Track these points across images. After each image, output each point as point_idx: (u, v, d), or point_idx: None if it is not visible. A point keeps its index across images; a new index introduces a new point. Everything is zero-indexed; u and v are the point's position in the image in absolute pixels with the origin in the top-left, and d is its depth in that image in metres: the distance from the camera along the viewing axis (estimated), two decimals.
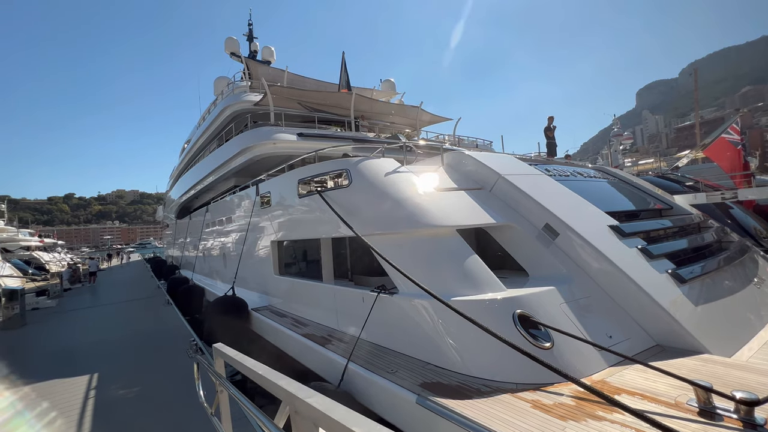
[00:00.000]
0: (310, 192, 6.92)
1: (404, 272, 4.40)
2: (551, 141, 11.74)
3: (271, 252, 8.73)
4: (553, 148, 11.81)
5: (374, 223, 5.53)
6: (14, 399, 5.82)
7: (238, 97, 15.09)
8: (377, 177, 6.00)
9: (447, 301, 4.04)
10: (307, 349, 5.82)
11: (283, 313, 7.92)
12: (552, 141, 11.74)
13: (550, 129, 11.70)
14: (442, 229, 5.18)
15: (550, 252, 5.32)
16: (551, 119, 11.78)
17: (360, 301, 5.63)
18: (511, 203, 5.99)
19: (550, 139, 11.74)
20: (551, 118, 11.81)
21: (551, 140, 11.73)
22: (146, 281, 20.69)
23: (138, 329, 9.54)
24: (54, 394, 5.96)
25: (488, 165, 6.54)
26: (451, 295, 4.43)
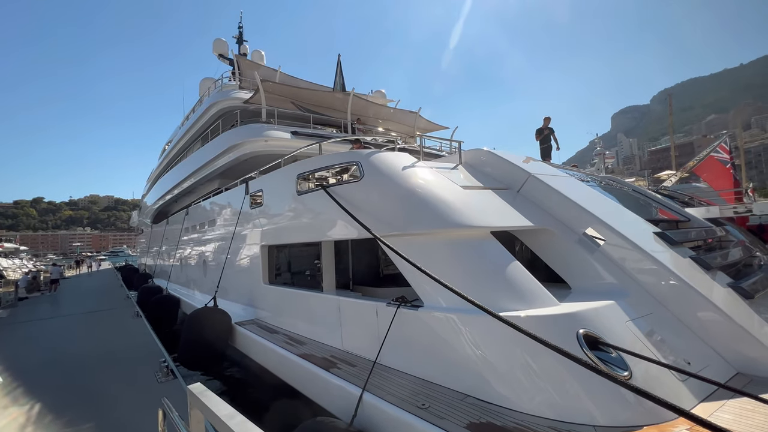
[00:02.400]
0: (311, 188, 6.03)
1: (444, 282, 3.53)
2: (546, 146, 9.78)
3: (261, 258, 7.70)
4: (548, 154, 9.83)
5: (392, 222, 4.69)
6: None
7: (227, 94, 14.13)
8: (394, 170, 5.19)
9: (507, 318, 3.19)
10: (306, 374, 4.82)
11: (273, 329, 6.86)
12: (548, 146, 9.78)
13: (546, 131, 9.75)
14: (475, 230, 4.39)
15: (595, 260, 4.60)
16: (547, 120, 9.82)
17: (372, 315, 4.71)
18: (544, 205, 5.28)
19: (544, 144, 9.80)
20: (547, 119, 9.85)
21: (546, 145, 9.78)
22: (115, 290, 18.89)
23: (100, 346, 8.19)
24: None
25: (515, 163, 5.85)
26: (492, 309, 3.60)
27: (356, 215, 4.85)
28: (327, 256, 6.11)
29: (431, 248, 4.38)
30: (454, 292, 3.32)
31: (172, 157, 20.29)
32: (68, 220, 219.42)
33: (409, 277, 4.40)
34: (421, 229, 4.46)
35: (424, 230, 4.44)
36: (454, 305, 3.90)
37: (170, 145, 21.97)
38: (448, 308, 3.90)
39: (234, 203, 9.06)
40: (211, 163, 12.65)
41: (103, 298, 16.26)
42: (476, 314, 3.58)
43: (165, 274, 17.01)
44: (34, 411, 5.08)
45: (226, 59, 21.13)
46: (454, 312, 3.80)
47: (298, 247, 7.27)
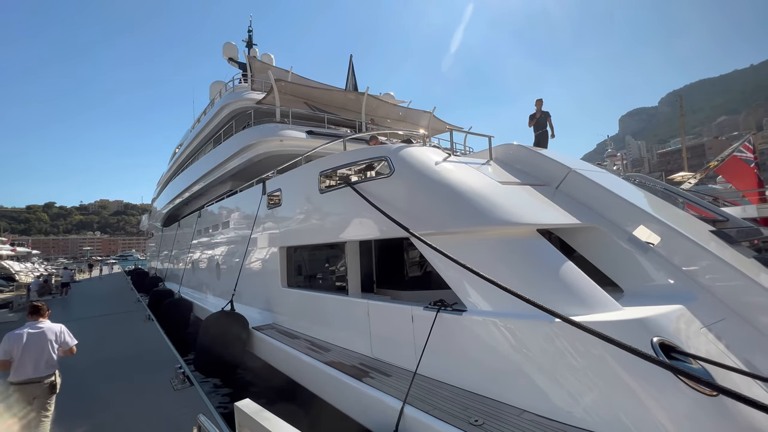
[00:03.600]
0: (334, 185, 5.72)
1: (503, 285, 3.17)
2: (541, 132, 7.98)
3: (279, 260, 7.39)
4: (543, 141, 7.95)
5: (428, 219, 4.35)
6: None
7: (239, 95, 13.95)
8: (427, 165, 4.87)
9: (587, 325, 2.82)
10: (335, 384, 4.47)
11: (293, 334, 6.53)
12: (542, 132, 7.98)
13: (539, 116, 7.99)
14: (521, 228, 4.04)
15: (649, 260, 4.21)
16: (540, 103, 8.03)
17: (406, 320, 4.36)
18: (587, 202, 4.91)
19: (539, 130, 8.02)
20: (540, 102, 8.06)
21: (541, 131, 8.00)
22: (125, 294, 18.77)
23: (111, 350, 7.95)
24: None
25: (553, 158, 5.50)
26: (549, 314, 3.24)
27: (387, 213, 4.52)
28: (352, 257, 5.78)
29: (472, 248, 4.03)
30: (518, 297, 2.96)
31: (183, 159, 20.19)
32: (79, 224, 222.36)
33: (449, 278, 4.05)
34: (462, 227, 4.11)
35: (465, 228, 4.10)
36: (504, 310, 3.54)
37: (181, 148, 21.92)
38: (497, 313, 3.54)
39: (250, 204, 8.79)
40: (223, 164, 12.43)
41: (113, 301, 16.12)
42: (534, 320, 3.23)
43: (176, 278, 16.82)
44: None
45: (236, 63, 21.06)
46: (505, 317, 3.44)
47: (318, 248, 6.96)
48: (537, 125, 7.92)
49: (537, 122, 7.90)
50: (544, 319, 3.18)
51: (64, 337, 4.05)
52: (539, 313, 3.23)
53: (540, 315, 3.23)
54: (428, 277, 6.11)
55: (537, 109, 7.93)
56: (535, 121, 7.92)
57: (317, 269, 7.37)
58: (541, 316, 3.20)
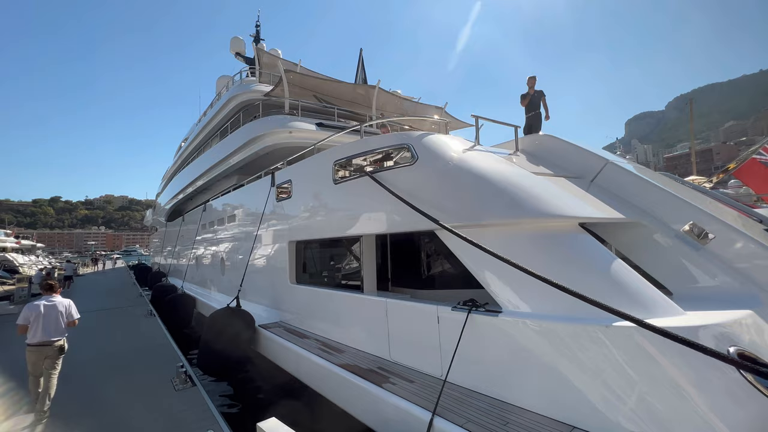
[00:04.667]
0: (350, 175, 5.35)
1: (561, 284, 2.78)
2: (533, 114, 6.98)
3: (288, 255, 7.03)
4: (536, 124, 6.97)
5: (457, 211, 3.96)
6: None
7: (248, 87, 13.63)
8: (453, 153, 4.48)
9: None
10: (350, 389, 4.09)
11: (302, 333, 6.17)
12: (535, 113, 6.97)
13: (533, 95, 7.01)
14: (563, 221, 3.64)
15: (701, 260, 3.80)
16: (533, 81, 7.06)
17: (431, 321, 3.97)
18: (627, 196, 4.51)
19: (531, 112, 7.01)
20: (533, 80, 7.09)
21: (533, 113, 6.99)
22: (128, 288, 18.52)
23: (111, 346, 7.61)
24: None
25: (588, 149, 5.10)
26: (601, 317, 2.85)
27: (411, 203, 4.14)
28: (368, 252, 5.40)
29: (506, 242, 3.64)
30: (585, 300, 2.56)
31: (189, 153, 19.92)
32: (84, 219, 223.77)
33: (481, 276, 3.66)
34: (496, 219, 3.72)
35: (500, 220, 3.71)
36: (544, 311, 3.15)
37: (186, 142, 21.66)
38: (541, 316, 3.15)
39: (257, 196, 8.44)
40: (230, 157, 12.11)
41: (115, 296, 15.86)
42: (587, 324, 2.83)
43: (179, 273, 16.54)
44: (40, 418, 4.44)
45: (243, 58, 20.74)
46: (551, 321, 3.04)
47: (330, 242, 6.58)
48: (529, 106, 6.97)
49: (530, 103, 6.95)
50: (598, 323, 2.79)
51: (71, 310, 4.86)
52: (592, 316, 2.84)
53: (592, 318, 2.84)
54: (448, 275, 5.72)
55: (530, 87, 6.98)
56: (528, 101, 6.96)
57: (328, 265, 6.99)
58: (594, 320, 2.81)
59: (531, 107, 7.00)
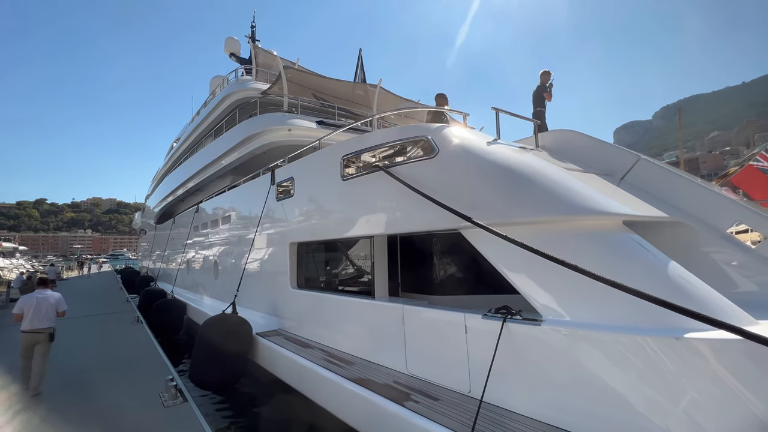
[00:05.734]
0: (360, 171, 4.93)
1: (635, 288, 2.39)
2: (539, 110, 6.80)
3: (289, 258, 6.56)
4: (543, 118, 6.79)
5: (486, 208, 3.57)
6: None
7: (244, 84, 13.19)
8: (478, 146, 4.11)
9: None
10: (365, 407, 3.63)
11: (304, 342, 5.69)
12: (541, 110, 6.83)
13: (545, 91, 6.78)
14: (605, 219, 3.27)
15: (752, 262, 3.47)
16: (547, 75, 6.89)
17: (458, 331, 3.55)
18: (663, 194, 4.18)
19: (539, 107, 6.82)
20: (547, 74, 6.91)
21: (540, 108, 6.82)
22: (114, 293, 17.72)
23: (93, 356, 7.01)
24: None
25: (616, 145, 4.78)
26: (669, 327, 2.47)
27: (436, 199, 3.74)
28: (380, 254, 4.98)
29: (543, 242, 3.23)
30: (672, 308, 2.16)
31: (181, 154, 19.29)
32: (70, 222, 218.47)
33: (517, 279, 3.26)
34: (533, 217, 3.34)
35: (536, 217, 3.33)
36: (597, 320, 2.76)
37: (178, 142, 21.03)
38: (592, 325, 2.75)
39: (255, 195, 7.95)
40: (225, 155, 11.60)
41: (101, 301, 15.10)
42: (653, 336, 2.45)
43: (169, 277, 15.86)
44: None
45: (238, 58, 20.28)
46: (609, 331, 2.64)
47: (335, 244, 6.14)
48: (537, 101, 6.91)
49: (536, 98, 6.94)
50: (665, 334, 2.41)
51: (60, 302, 5.51)
52: (655, 326, 2.46)
53: (657, 329, 2.46)
54: (465, 279, 5.31)
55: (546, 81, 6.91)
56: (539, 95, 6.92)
57: (334, 269, 6.53)
58: (661, 331, 2.43)
59: (538, 102, 6.87)
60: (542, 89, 6.87)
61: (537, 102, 6.93)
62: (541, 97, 6.85)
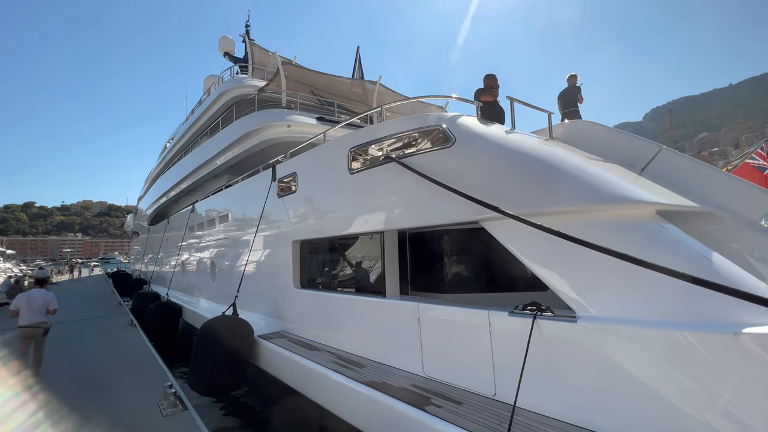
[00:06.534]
0: (370, 163, 4.70)
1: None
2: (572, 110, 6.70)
3: (292, 256, 6.29)
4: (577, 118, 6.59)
5: (511, 198, 3.36)
6: None
7: (240, 81, 12.91)
8: (497, 134, 3.91)
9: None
10: (382, 413, 3.39)
11: (309, 344, 5.43)
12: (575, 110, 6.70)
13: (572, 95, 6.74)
14: (639, 208, 3.08)
15: None
16: (574, 78, 6.82)
17: (481, 330, 3.32)
18: (690, 186, 4.01)
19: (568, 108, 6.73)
20: (574, 77, 6.83)
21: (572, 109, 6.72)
22: (105, 297, 17.20)
23: (85, 362, 6.67)
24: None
25: (635, 135, 4.61)
26: (723, 322, 2.28)
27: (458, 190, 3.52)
28: (391, 251, 4.75)
29: (573, 233, 3.04)
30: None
31: (175, 153, 18.87)
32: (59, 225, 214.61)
33: (546, 274, 3.05)
34: (563, 206, 3.14)
35: (568, 207, 3.12)
36: (638, 316, 2.56)
37: (172, 141, 20.60)
38: (635, 321, 2.54)
39: (255, 193, 7.67)
40: (222, 153, 11.29)
41: (91, 304, 14.61)
42: (709, 332, 2.24)
43: (163, 280, 15.44)
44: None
45: (233, 58, 19.95)
46: (658, 327, 2.43)
47: (340, 241, 5.89)
48: (566, 102, 6.82)
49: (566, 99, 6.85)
50: (722, 330, 2.21)
51: (51, 301, 5.92)
52: (708, 322, 2.26)
53: (712, 325, 2.26)
54: (480, 276, 5.10)
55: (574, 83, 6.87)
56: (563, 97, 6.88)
57: (339, 267, 6.28)
58: (716, 327, 2.23)
59: (568, 103, 6.80)
60: (574, 90, 6.85)
61: (568, 103, 6.89)
62: (573, 98, 6.80)
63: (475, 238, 5.40)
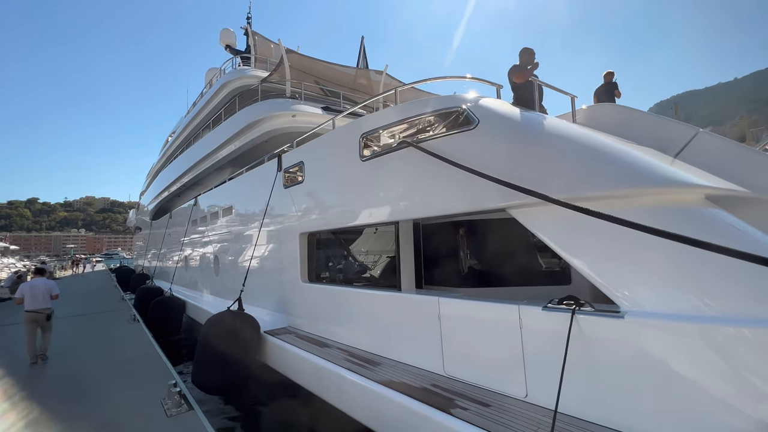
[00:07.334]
0: (384, 149, 4.42)
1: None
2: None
3: (299, 249, 6.03)
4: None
5: (545, 182, 3.06)
6: None
7: (243, 72, 12.61)
8: (525, 116, 3.62)
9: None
10: (401, 413, 3.14)
11: (319, 340, 5.19)
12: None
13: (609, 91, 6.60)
14: (688, 192, 2.79)
15: None
16: (611, 75, 6.69)
17: (509, 326, 3.06)
18: (733, 171, 3.71)
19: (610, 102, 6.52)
20: (611, 74, 6.70)
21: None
22: (109, 292, 17.09)
23: (87, 359, 6.47)
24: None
25: (668, 118, 4.31)
26: None
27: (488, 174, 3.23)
28: (406, 242, 4.47)
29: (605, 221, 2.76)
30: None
31: (177, 147, 18.61)
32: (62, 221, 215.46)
33: (585, 265, 2.78)
34: (604, 190, 2.85)
35: (610, 191, 2.83)
36: (692, 311, 2.29)
37: (174, 135, 20.35)
38: (693, 317, 2.27)
39: (260, 184, 7.40)
40: (225, 145, 11.01)
41: (94, 299, 14.48)
42: None
43: (166, 275, 15.26)
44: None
45: (234, 50, 19.61)
46: (724, 324, 2.16)
47: (352, 233, 5.63)
48: (604, 98, 6.61)
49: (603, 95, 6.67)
50: None
51: (52, 287, 6.50)
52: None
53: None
54: (497, 270, 4.83)
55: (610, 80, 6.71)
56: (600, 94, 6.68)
57: (350, 260, 6.02)
58: None
59: (605, 99, 6.57)
60: (611, 87, 6.64)
61: (605, 99, 6.60)
62: (610, 94, 6.58)
63: (492, 228, 5.13)
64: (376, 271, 5.37)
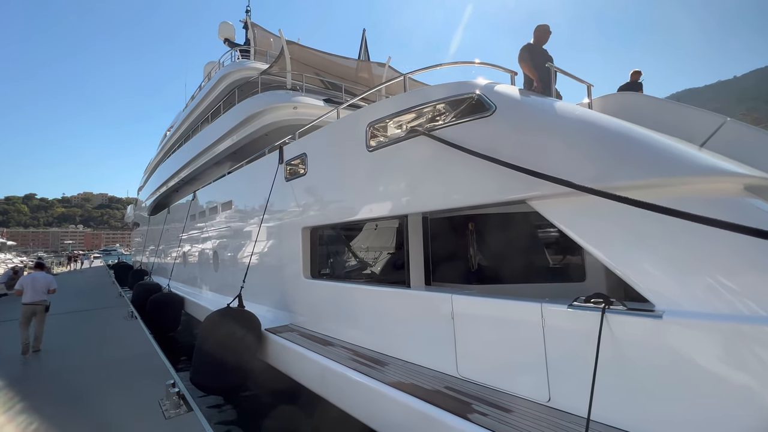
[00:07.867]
0: (393, 138, 4.20)
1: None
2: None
3: (302, 244, 5.82)
4: None
5: (572, 170, 2.84)
6: None
7: (242, 64, 12.34)
8: (544, 102, 3.41)
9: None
10: (413, 417, 2.94)
11: (322, 338, 4.99)
12: None
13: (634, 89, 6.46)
14: (726, 181, 2.59)
15: None
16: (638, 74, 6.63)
17: (531, 325, 2.85)
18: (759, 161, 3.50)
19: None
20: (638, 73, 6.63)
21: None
22: (106, 288, 16.86)
23: (82, 357, 6.25)
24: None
25: (693, 106, 4.09)
26: None
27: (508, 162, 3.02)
28: (415, 237, 4.26)
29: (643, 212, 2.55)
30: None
31: (175, 141, 18.34)
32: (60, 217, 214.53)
33: (615, 259, 2.57)
34: (636, 179, 2.63)
35: (642, 180, 2.62)
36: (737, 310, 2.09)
37: (172, 129, 20.05)
38: (742, 318, 2.07)
39: (260, 177, 7.17)
40: (224, 138, 10.76)
41: (91, 296, 14.25)
42: None
43: (165, 271, 15.04)
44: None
45: (233, 44, 19.28)
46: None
47: (357, 227, 5.42)
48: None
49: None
50: None
51: (52, 281, 6.67)
52: None
53: None
54: (510, 266, 4.63)
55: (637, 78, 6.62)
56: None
57: (355, 255, 5.81)
58: None
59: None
60: (636, 86, 6.51)
61: None
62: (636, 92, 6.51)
63: (505, 222, 4.93)
64: (383, 266, 5.16)
